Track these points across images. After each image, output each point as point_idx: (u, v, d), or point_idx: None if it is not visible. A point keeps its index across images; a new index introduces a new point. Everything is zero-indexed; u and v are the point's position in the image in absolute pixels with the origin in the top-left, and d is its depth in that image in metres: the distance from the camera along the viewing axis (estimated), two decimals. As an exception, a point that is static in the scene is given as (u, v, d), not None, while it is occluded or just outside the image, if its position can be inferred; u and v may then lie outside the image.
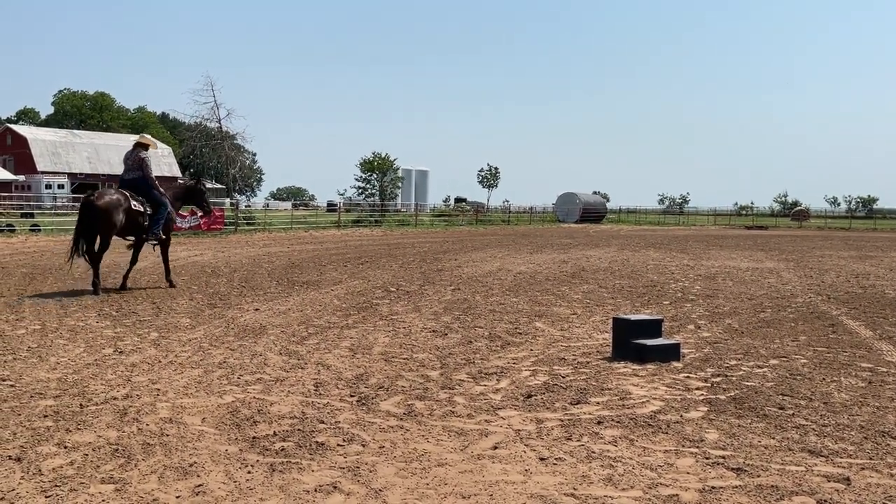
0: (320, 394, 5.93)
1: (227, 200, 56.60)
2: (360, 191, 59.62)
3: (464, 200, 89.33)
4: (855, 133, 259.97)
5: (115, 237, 12.01)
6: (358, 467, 4.33)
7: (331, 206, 62.88)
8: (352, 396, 5.86)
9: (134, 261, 12.80)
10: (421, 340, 8.23)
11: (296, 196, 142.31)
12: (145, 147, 12.51)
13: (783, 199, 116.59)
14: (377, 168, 58.22)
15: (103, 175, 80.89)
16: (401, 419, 5.29)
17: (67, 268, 13.27)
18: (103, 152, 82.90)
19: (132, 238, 12.47)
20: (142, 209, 12.09)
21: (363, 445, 4.71)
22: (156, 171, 13.10)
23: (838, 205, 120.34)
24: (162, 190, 12.55)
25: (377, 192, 58.58)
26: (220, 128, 55.12)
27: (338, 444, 4.72)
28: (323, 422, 5.18)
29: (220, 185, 78.73)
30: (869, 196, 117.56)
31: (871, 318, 10.26)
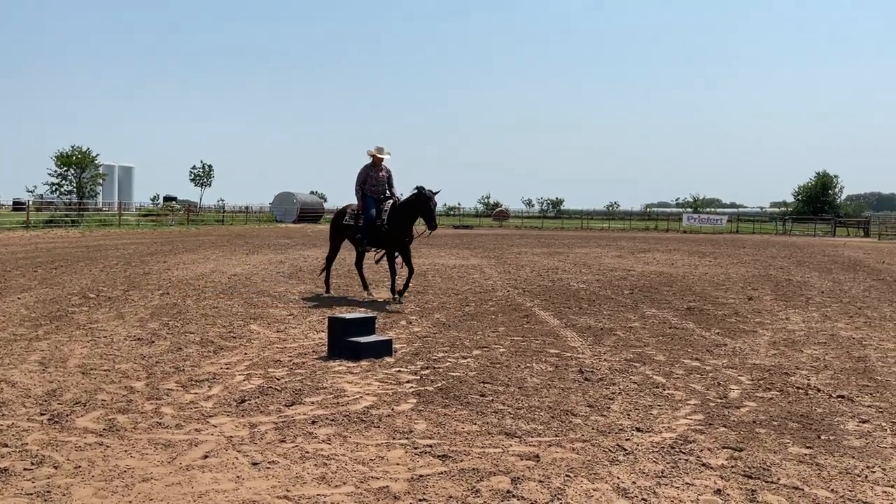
0: (3, 414, 5.31)
1: None
2: (53, 188, 54.11)
3: (174, 199, 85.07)
4: (547, 141, 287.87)
5: (342, 246, 13.35)
6: (49, 492, 3.95)
7: (17, 205, 56.43)
8: (42, 415, 5.32)
9: (392, 272, 12.35)
10: (125, 350, 7.70)
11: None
12: (372, 162, 12.43)
13: (486, 200, 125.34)
14: (75, 163, 53.27)
15: None
16: (100, 435, 4.91)
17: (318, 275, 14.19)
18: None
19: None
20: (352, 222, 12.58)
21: (55, 467, 4.30)
22: None
23: (532, 206, 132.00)
24: (366, 202, 12.34)
25: (75, 190, 53.64)
26: None
27: (25, 469, 4.26)
28: (7, 445, 4.65)
29: None
30: (557, 198, 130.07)
31: (558, 309, 11.41)
